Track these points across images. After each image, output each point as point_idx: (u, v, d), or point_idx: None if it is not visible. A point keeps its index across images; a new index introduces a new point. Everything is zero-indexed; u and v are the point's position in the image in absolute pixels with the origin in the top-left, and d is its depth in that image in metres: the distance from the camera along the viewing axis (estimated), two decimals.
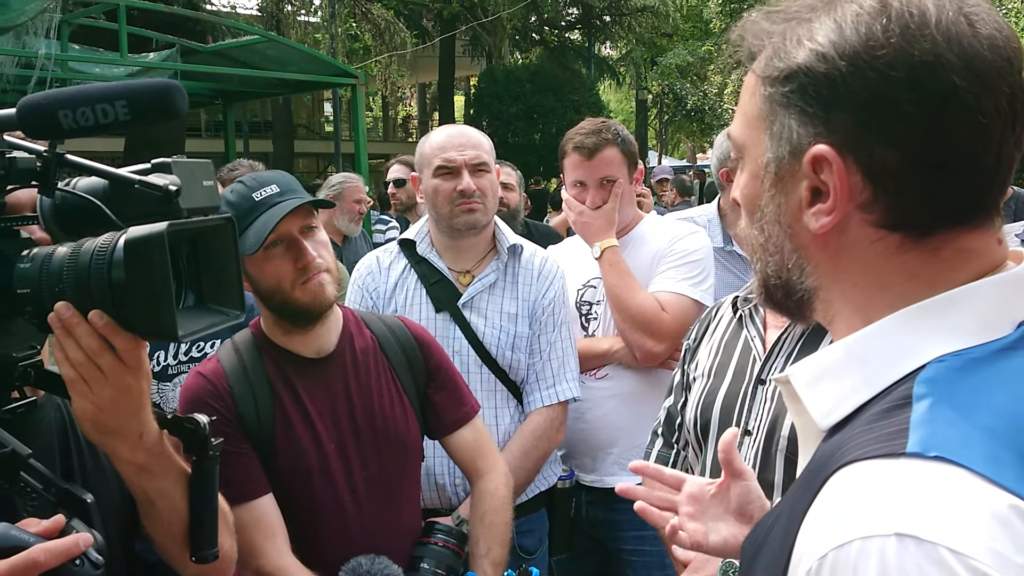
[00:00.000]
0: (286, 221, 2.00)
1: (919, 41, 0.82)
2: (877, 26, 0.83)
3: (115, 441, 1.33)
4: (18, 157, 1.22)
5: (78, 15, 9.27)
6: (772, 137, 0.91)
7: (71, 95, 1.15)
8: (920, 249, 0.86)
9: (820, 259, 0.92)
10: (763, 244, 0.97)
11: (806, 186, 0.89)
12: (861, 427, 0.82)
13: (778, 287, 0.98)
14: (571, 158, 3.06)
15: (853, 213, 0.87)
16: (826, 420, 0.89)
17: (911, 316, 0.86)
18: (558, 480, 2.98)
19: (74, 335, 1.21)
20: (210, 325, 1.27)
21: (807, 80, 0.86)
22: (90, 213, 1.21)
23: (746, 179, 0.99)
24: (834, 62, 0.84)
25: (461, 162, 2.72)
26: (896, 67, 0.82)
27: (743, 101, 0.98)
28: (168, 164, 1.22)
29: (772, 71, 0.90)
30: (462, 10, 22.81)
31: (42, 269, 1.22)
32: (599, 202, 3.01)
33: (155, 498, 1.43)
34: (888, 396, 0.83)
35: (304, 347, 2.16)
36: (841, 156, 0.85)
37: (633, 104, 33.22)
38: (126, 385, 1.26)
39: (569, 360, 2.84)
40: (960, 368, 0.81)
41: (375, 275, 2.84)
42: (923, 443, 0.75)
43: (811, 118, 0.87)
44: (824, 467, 0.82)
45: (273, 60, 10.38)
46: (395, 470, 2.20)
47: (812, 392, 0.92)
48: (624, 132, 3.10)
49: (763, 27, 0.94)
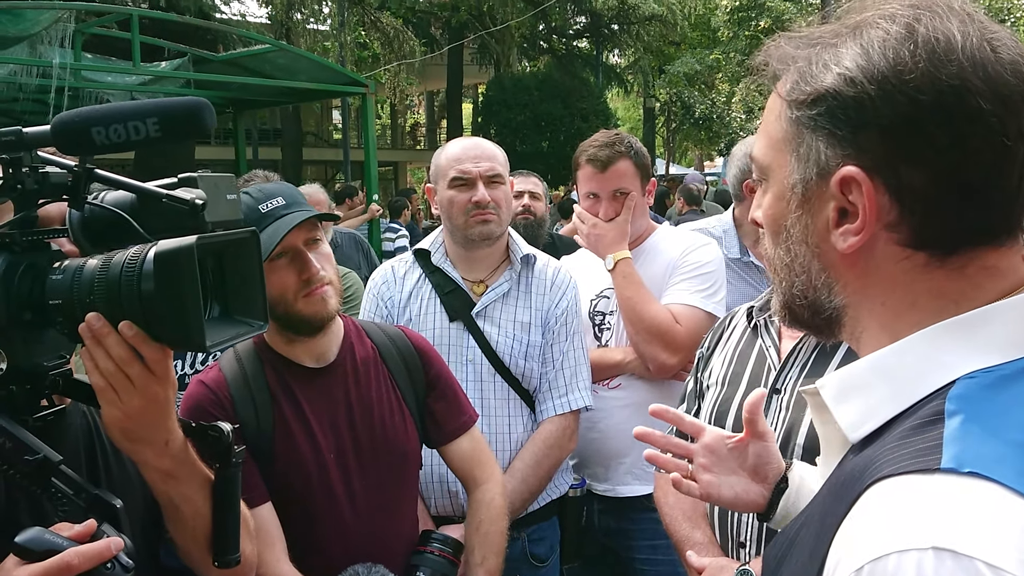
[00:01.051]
0: (291, 233, 2.02)
1: (946, 66, 0.84)
2: (905, 51, 0.85)
3: (142, 448, 1.37)
4: (51, 172, 1.25)
5: (91, 25, 9.35)
6: (799, 159, 0.93)
7: (104, 113, 1.19)
8: (946, 267, 0.88)
9: (848, 278, 0.94)
10: (789, 264, 0.98)
11: (833, 206, 0.91)
12: (893, 442, 0.83)
13: (804, 307, 0.99)
14: (584, 170, 3.07)
15: (880, 233, 0.89)
16: (855, 433, 0.91)
17: (940, 333, 0.87)
18: (569, 488, 2.98)
19: (104, 345, 1.24)
20: (235, 335, 1.30)
21: (835, 103, 0.88)
22: (118, 226, 1.24)
23: (770, 200, 1.00)
24: (863, 86, 0.86)
25: (476, 174, 2.75)
26: (924, 91, 0.84)
27: (767, 123, 1.00)
28: (194, 178, 1.25)
29: (799, 94, 0.92)
30: (470, 19, 22.85)
31: (73, 281, 1.25)
32: (612, 214, 3.03)
33: (180, 503, 1.46)
34: (919, 411, 0.84)
35: (305, 356, 2.18)
36: (870, 177, 0.87)
37: (641, 112, 33.23)
38: (153, 394, 1.29)
39: (581, 369, 2.85)
40: (990, 385, 0.82)
41: (390, 284, 2.87)
42: (957, 459, 0.76)
43: (839, 140, 0.89)
44: (857, 481, 0.83)
45: (283, 69, 10.44)
46: (393, 479, 2.21)
47: (841, 405, 0.93)
48: (637, 145, 3.12)
49: (787, 51, 0.96)
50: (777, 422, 1.98)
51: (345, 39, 20.40)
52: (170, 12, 10.23)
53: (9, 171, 1.24)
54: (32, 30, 8.27)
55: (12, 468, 1.24)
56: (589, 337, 3.09)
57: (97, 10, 9.93)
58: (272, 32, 18.17)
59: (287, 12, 18.96)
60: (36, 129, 1.23)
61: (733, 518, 2.04)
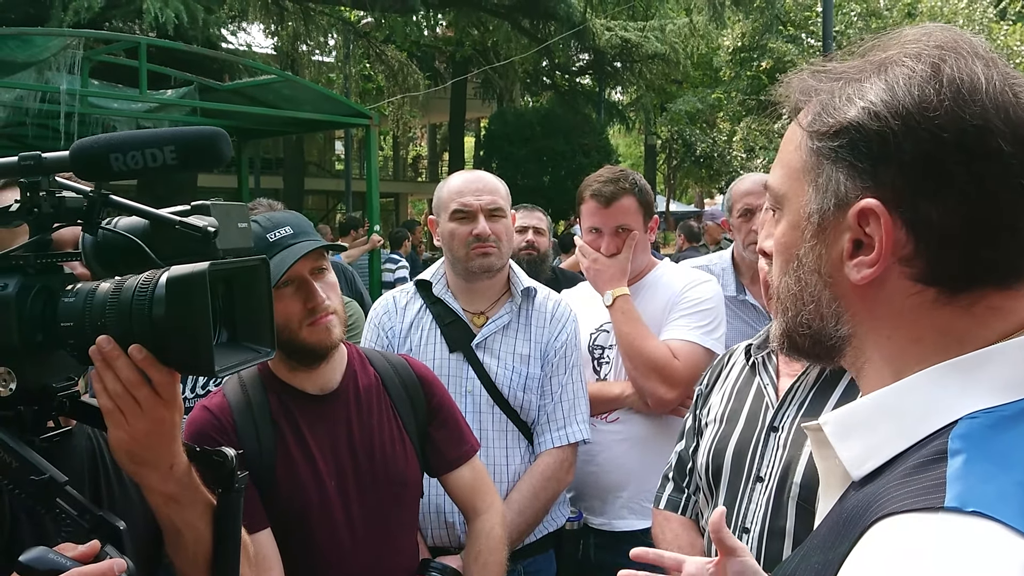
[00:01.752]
0: (298, 262, 2.04)
1: (970, 106, 0.85)
2: (930, 89, 0.87)
3: (147, 471, 1.38)
4: (67, 196, 1.27)
5: (99, 52, 9.42)
6: (817, 189, 0.94)
7: (122, 140, 1.21)
8: (954, 305, 0.89)
9: (858, 309, 0.94)
10: (797, 293, 0.99)
11: (849, 237, 0.91)
12: (896, 480, 0.84)
13: (806, 336, 1.00)
14: (588, 204, 3.09)
15: (894, 266, 0.89)
16: (858, 470, 0.91)
17: (944, 372, 0.88)
18: (566, 521, 2.99)
19: (114, 367, 1.26)
20: (243, 361, 1.32)
21: (858, 136, 0.89)
22: (130, 251, 1.26)
23: (784, 228, 1.00)
24: (887, 120, 0.87)
25: (477, 207, 2.78)
26: (947, 129, 0.85)
27: (785, 153, 1.00)
28: (207, 206, 1.27)
29: (821, 125, 0.93)
30: (474, 53, 23.04)
31: (85, 304, 1.27)
32: (613, 249, 3.04)
33: (182, 528, 1.47)
34: (921, 450, 0.85)
35: (308, 384, 2.20)
36: (888, 210, 0.88)
37: (642, 149, 33.41)
38: (160, 417, 1.31)
39: (580, 402, 2.86)
40: (991, 425, 0.83)
41: (391, 315, 2.89)
42: (960, 498, 0.76)
43: (860, 172, 0.90)
44: (860, 518, 0.83)
45: (288, 99, 10.51)
46: (393, 507, 2.22)
47: (844, 441, 0.94)
48: (642, 182, 3.14)
49: (810, 84, 0.97)
50: (775, 459, 1.99)
51: (350, 71, 20.60)
52: (178, 41, 10.31)
53: (27, 194, 1.26)
54: (40, 56, 8.35)
55: (17, 487, 1.25)
56: (588, 370, 3.09)
57: (105, 37, 10.03)
58: (278, 63, 18.31)
59: (293, 43, 19.12)
60: (55, 154, 1.25)
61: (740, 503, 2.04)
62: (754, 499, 2.01)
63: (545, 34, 20.48)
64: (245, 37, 22.50)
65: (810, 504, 1.86)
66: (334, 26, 19.52)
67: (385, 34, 21.49)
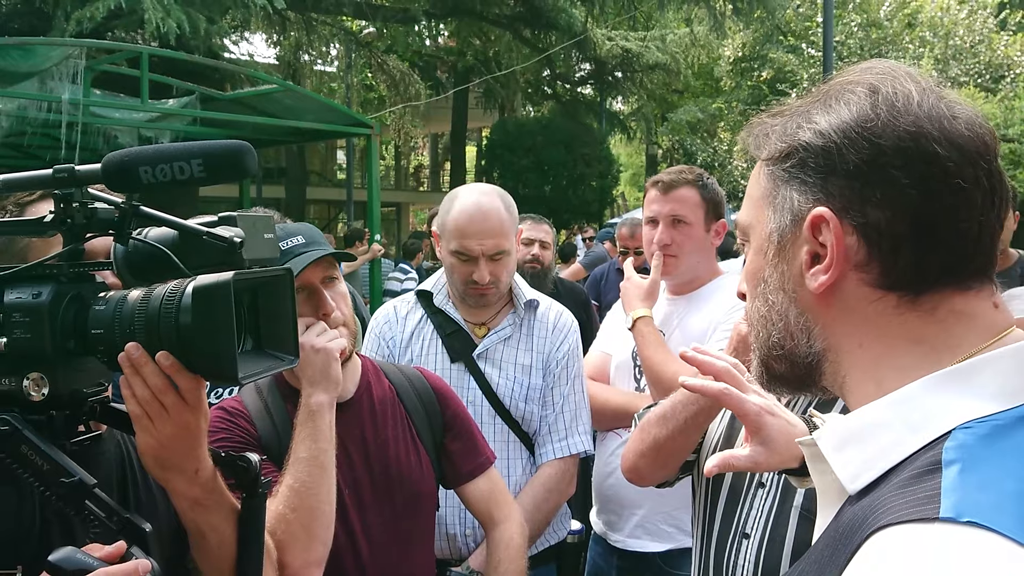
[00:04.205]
0: (309, 271, 2.04)
1: (904, 116, 0.92)
2: (867, 105, 0.94)
3: (173, 475, 1.42)
4: (99, 207, 1.32)
5: (101, 62, 9.45)
6: (775, 210, 1.00)
7: (152, 153, 1.26)
8: (917, 310, 0.92)
9: (825, 320, 0.98)
10: (766, 315, 1.03)
11: (807, 251, 0.96)
12: (892, 491, 0.84)
13: (781, 359, 1.03)
14: (649, 193, 3.02)
15: (850, 273, 0.94)
16: (854, 484, 0.92)
17: (935, 383, 0.89)
18: (568, 535, 2.98)
19: (142, 374, 1.30)
20: (267, 368, 1.37)
21: (806, 154, 0.96)
22: (159, 261, 1.30)
23: (751, 256, 1.06)
24: (830, 136, 0.94)
25: (479, 252, 2.71)
26: (884, 136, 0.91)
27: (749, 188, 1.07)
28: (233, 217, 1.32)
29: (775, 152, 1.00)
30: (476, 63, 23.09)
31: (115, 312, 1.32)
32: (667, 240, 2.94)
33: (206, 531, 1.51)
34: (916, 461, 0.86)
35: None
36: (838, 217, 0.93)
37: (643, 159, 33.48)
38: (186, 422, 1.35)
39: (582, 413, 2.86)
40: (986, 435, 0.84)
41: (392, 324, 2.89)
42: (956, 508, 0.77)
43: (810, 187, 0.96)
44: (856, 531, 0.84)
45: (290, 109, 10.53)
46: (409, 518, 2.22)
47: (839, 455, 0.94)
48: (709, 180, 3.03)
49: (767, 123, 1.04)
50: (774, 474, 1.98)
51: (352, 81, 20.63)
52: (179, 51, 10.33)
53: (60, 206, 1.31)
54: (43, 66, 8.37)
55: (48, 489, 1.29)
56: (629, 378, 3.06)
57: (107, 47, 10.06)
58: (280, 72, 18.36)
59: (295, 53, 19.18)
60: (87, 167, 1.30)
61: (741, 508, 2.02)
62: (755, 505, 2.00)
63: (546, 44, 20.53)
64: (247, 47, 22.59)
65: (812, 514, 1.85)
66: (336, 36, 19.58)
67: (387, 44, 21.57)
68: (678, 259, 2.96)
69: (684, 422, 2.08)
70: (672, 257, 2.95)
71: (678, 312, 3.04)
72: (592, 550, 3.19)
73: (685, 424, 2.08)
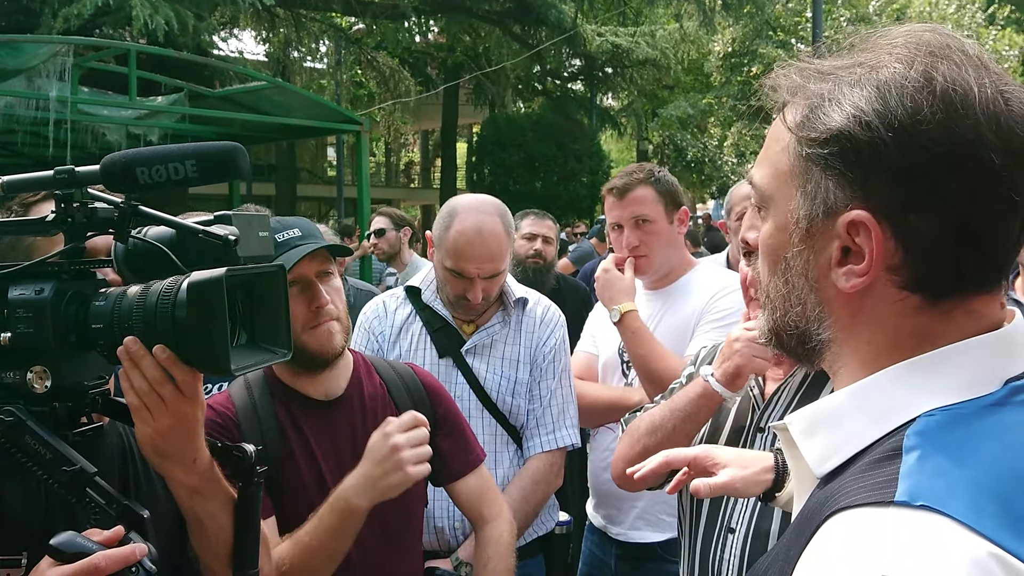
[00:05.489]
0: (304, 264, 2.06)
1: (962, 119, 0.85)
2: (923, 100, 0.86)
3: (171, 465, 1.47)
4: (99, 207, 1.38)
5: (89, 59, 9.42)
6: (806, 195, 0.93)
7: (148, 155, 1.31)
8: (935, 310, 0.90)
9: (841, 314, 0.95)
10: (786, 295, 0.99)
11: (837, 245, 0.91)
12: (853, 476, 0.86)
13: (793, 336, 1.00)
14: (607, 201, 3.05)
15: (881, 274, 0.90)
16: (821, 468, 0.93)
17: (904, 371, 0.90)
18: (556, 526, 2.99)
19: (140, 366, 1.35)
20: (260, 361, 1.42)
21: (849, 145, 0.88)
22: (158, 258, 1.35)
23: (771, 230, 1.00)
24: (879, 131, 0.86)
25: (475, 274, 2.70)
26: (940, 142, 0.85)
27: (771, 152, 0.99)
28: (229, 216, 1.37)
29: (811, 131, 0.92)
30: (466, 59, 23.04)
31: (114, 307, 1.37)
32: (634, 242, 2.98)
33: (204, 519, 1.56)
34: (880, 447, 0.87)
35: (312, 389, 2.20)
36: (878, 222, 0.88)
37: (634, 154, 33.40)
38: (183, 413, 1.40)
39: (569, 407, 2.88)
40: (949, 423, 0.85)
41: (381, 319, 2.90)
42: (910, 492, 0.78)
43: (849, 182, 0.89)
44: (816, 514, 0.86)
45: (279, 106, 10.51)
46: (398, 515, 2.21)
47: (808, 441, 0.96)
48: (661, 173, 3.05)
49: (796, 81, 0.96)
50: None
51: (341, 77, 20.57)
52: (168, 48, 10.31)
53: (61, 206, 1.37)
54: (30, 63, 8.36)
55: (51, 477, 1.35)
56: (617, 374, 3.08)
57: (95, 44, 10.03)
58: (269, 69, 18.32)
59: (284, 50, 19.12)
60: (86, 168, 1.35)
61: (725, 503, 2.05)
62: (739, 500, 2.02)
63: (536, 40, 20.49)
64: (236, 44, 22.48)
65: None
66: (325, 32, 19.52)
67: (377, 40, 21.50)
68: (649, 258, 3.01)
69: (673, 430, 2.12)
70: (644, 257, 2.99)
71: (659, 307, 3.06)
72: (588, 540, 3.21)
73: (674, 433, 2.12)
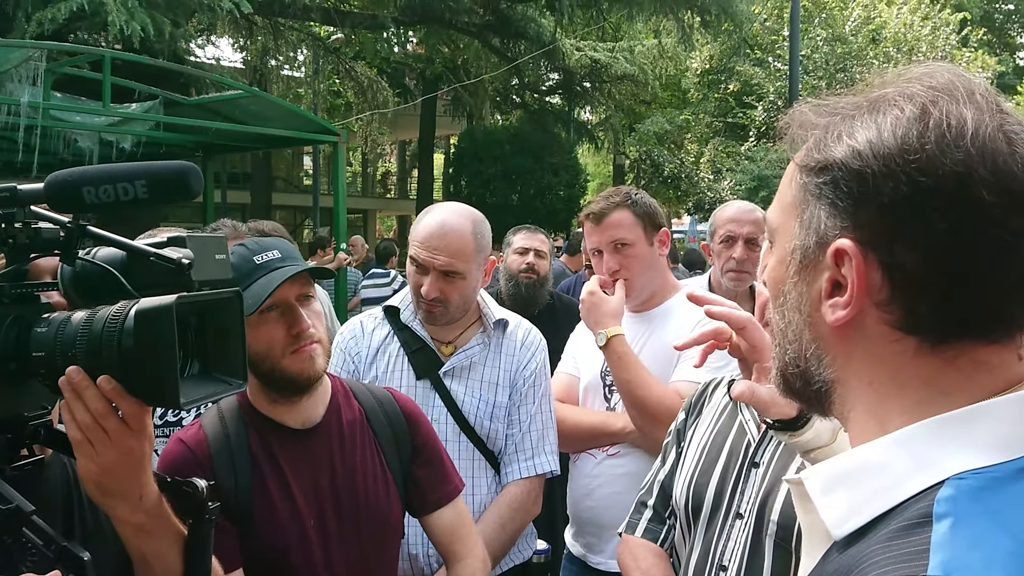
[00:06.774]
0: (284, 287, 1.99)
1: (953, 151, 0.82)
2: (913, 131, 0.84)
3: (116, 502, 1.38)
4: (43, 227, 1.30)
5: (63, 64, 9.32)
6: (802, 225, 0.93)
7: (95, 174, 1.24)
8: (937, 356, 0.86)
9: (837, 352, 0.92)
10: (783, 330, 0.98)
11: (827, 277, 0.90)
12: (880, 543, 0.80)
13: (796, 375, 0.97)
14: (585, 227, 3.01)
15: (870, 310, 0.87)
16: (839, 529, 0.87)
17: (931, 429, 0.85)
18: (533, 554, 2.94)
19: (83, 398, 1.26)
20: (212, 393, 1.34)
21: (840, 174, 0.88)
22: (107, 281, 1.28)
23: (774, 263, 1.00)
24: (868, 160, 0.86)
25: (430, 264, 2.67)
26: (926, 173, 0.83)
27: (782, 187, 1.00)
28: (183, 238, 1.30)
29: (809, 161, 0.92)
30: (445, 71, 23.12)
31: (57, 334, 1.28)
32: (614, 266, 2.94)
33: (151, 559, 1.46)
34: (907, 512, 0.82)
35: (289, 418, 2.12)
36: (863, 252, 0.86)
37: (611, 168, 33.67)
38: (129, 448, 1.31)
39: (548, 433, 2.82)
40: (981, 488, 0.80)
41: (358, 339, 2.83)
42: (944, 566, 0.74)
43: (840, 211, 0.88)
44: None
45: (255, 115, 10.44)
46: (374, 547, 2.15)
47: (826, 498, 0.90)
48: (638, 196, 3.03)
49: (809, 119, 0.96)
50: (753, 494, 1.96)
51: (319, 87, 20.55)
52: (143, 54, 10.20)
53: (2, 225, 1.28)
54: (1, 68, 8.23)
55: None
56: (599, 398, 3.02)
57: (69, 50, 9.91)
58: (246, 77, 18.24)
59: (262, 58, 19.07)
60: (30, 186, 1.28)
61: (718, 539, 2.00)
62: (732, 536, 1.97)
63: (515, 53, 20.61)
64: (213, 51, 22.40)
65: (787, 543, 1.83)
66: (303, 41, 19.52)
67: (355, 50, 21.54)
68: (631, 281, 2.96)
69: None
70: (626, 281, 2.95)
71: (642, 331, 3.00)
72: (566, 569, 3.14)
73: None
